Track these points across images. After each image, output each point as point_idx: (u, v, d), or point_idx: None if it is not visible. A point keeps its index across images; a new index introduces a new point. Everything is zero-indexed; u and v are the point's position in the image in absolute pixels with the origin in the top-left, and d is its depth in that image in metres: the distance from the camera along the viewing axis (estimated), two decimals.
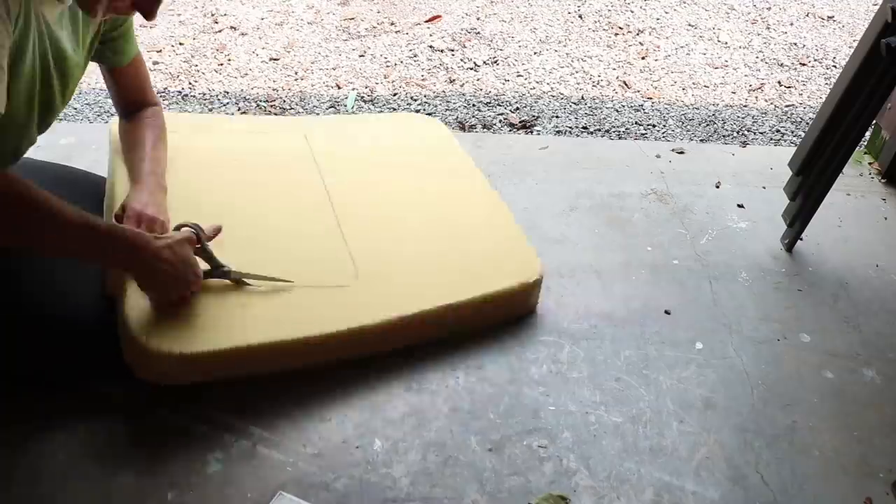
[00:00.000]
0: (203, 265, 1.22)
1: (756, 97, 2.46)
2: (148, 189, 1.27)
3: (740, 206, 1.80)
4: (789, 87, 2.53)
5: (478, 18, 2.86)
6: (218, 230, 1.28)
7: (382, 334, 1.28)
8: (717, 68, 2.61)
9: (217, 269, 1.24)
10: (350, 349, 1.28)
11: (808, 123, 2.31)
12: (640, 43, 2.76)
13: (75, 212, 1.01)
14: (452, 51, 2.64)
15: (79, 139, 1.86)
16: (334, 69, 2.50)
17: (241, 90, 2.36)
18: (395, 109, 2.30)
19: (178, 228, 1.20)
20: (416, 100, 2.35)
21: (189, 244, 1.17)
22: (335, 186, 1.54)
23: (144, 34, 2.65)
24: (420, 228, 1.48)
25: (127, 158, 1.37)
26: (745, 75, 2.58)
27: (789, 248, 1.67)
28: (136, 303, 1.18)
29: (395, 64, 2.54)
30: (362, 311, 1.27)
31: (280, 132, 1.73)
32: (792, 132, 2.30)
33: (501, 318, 1.40)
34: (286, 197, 1.50)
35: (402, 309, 1.29)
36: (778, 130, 2.30)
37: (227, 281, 1.25)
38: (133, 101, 1.40)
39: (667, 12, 2.98)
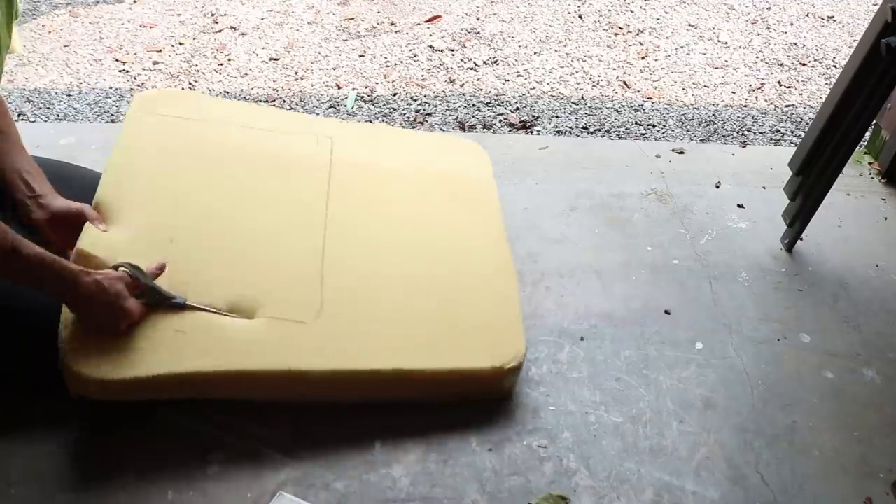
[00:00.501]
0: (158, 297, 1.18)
1: (756, 97, 2.46)
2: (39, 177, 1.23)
3: (740, 206, 1.80)
4: (789, 87, 2.53)
5: (478, 18, 2.86)
6: (162, 268, 1.21)
7: (324, 382, 1.18)
8: (717, 68, 2.61)
9: (167, 301, 1.18)
10: (290, 391, 1.20)
11: (808, 123, 2.31)
12: (640, 43, 2.76)
13: (6, 240, 1.00)
14: (452, 51, 2.64)
15: (79, 139, 1.86)
16: (334, 69, 2.50)
17: (241, 90, 2.36)
18: (394, 109, 2.30)
19: (115, 268, 1.16)
20: (416, 100, 2.35)
21: (122, 282, 1.13)
22: (338, 207, 1.42)
23: (144, 34, 2.66)
24: (409, 275, 1.34)
25: None
26: (745, 75, 2.58)
27: (789, 248, 1.67)
28: (71, 320, 1.13)
29: (395, 64, 2.54)
30: (308, 355, 1.17)
31: (304, 134, 1.58)
32: (792, 132, 2.30)
33: (466, 397, 1.25)
34: (280, 210, 1.39)
35: (349, 363, 1.18)
36: (778, 130, 2.30)
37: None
38: None
39: (667, 12, 2.98)
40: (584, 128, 2.26)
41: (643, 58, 2.66)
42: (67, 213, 1.23)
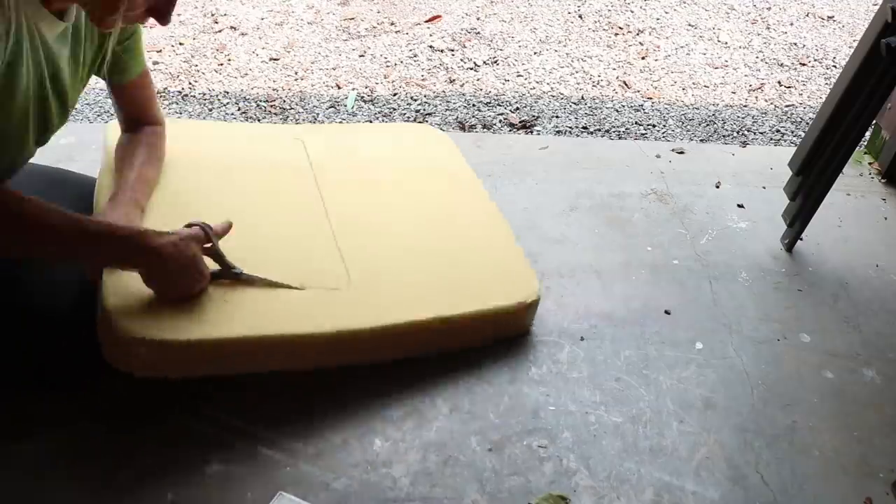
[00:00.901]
0: (212, 265, 1.20)
1: (756, 97, 2.46)
2: (122, 206, 1.21)
3: (740, 206, 1.80)
4: (789, 87, 2.53)
5: (478, 18, 2.86)
6: (228, 227, 1.23)
7: (369, 342, 1.24)
8: (717, 68, 2.61)
9: (227, 270, 1.21)
10: (335, 355, 1.24)
11: (808, 123, 2.31)
12: (640, 43, 2.76)
13: (64, 216, 1.00)
14: (452, 51, 2.64)
15: (79, 139, 1.86)
16: (334, 69, 2.50)
17: (241, 90, 2.36)
18: (395, 109, 2.30)
19: (187, 227, 1.17)
20: (416, 100, 2.35)
21: (196, 242, 1.14)
22: (331, 196, 1.50)
23: (144, 34, 2.66)
24: (416, 240, 1.44)
25: (115, 174, 1.32)
26: (745, 75, 2.58)
27: (789, 248, 1.67)
28: (115, 286, 1.13)
29: (395, 64, 2.54)
30: (351, 315, 1.23)
31: (277, 140, 1.68)
32: (792, 132, 2.30)
33: (493, 336, 1.37)
34: (280, 205, 1.46)
35: (392, 317, 1.25)
36: (778, 130, 2.30)
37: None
38: (135, 118, 1.35)
39: (667, 12, 2.98)
40: (584, 128, 2.26)
41: (643, 58, 2.66)
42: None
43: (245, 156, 1.58)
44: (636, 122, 2.30)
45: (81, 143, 1.84)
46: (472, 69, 2.54)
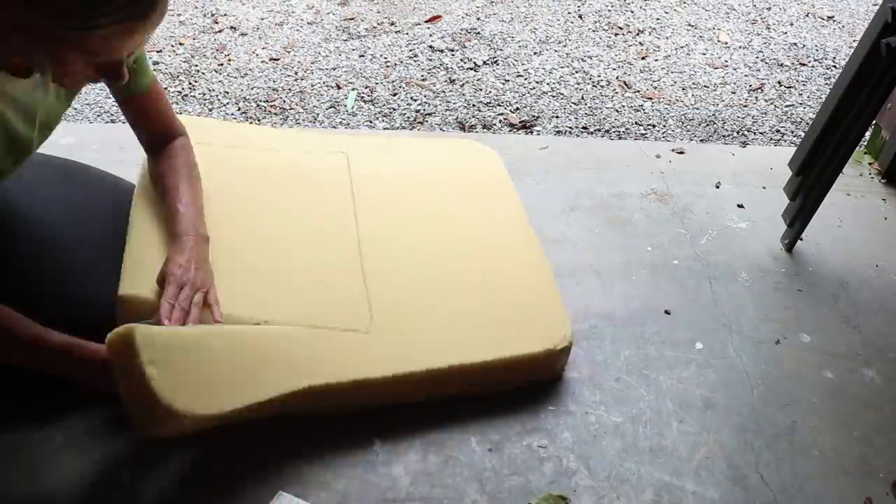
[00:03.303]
0: None
1: (756, 97, 2.46)
2: (188, 245, 1.19)
3: (740, 206, 1.80)
4: (789, 87, 2.53)
5: (478, 18, 2.86)
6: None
7: (391, 387, 1.20)
8: (717, 68, 2.61)
9: None
10: (355, 399, 1.21)
11: (808, 123, 2.31)
12: (640, 43, 2.76)
13: (30, 333, 1.00)
14: (452, 51, 2.64)
15: (79, 139, 1.86)
16: (334, 69, 2.50)
17: (241, 90, 2.36)
18: (394, 109, 2.30)
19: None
20: (416, 100, 2.35)
21: None
22: (367, 219, 1.44)
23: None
24: (449, 277, 1.37)
25: (163, 205, 1.28)
26: (745, 75, 2.58)
27: (789, 248, 1.67)
28: (150, 346, 1.01)
29: (395, 64, 2.54)
30: (369, 362, 1.19)
31: (320, 151, 1.61)
32: (792, 132, 2.30)
33: (522, 381, 1.30)
34: (310, 226, 1.41)
35: (412, 365, 1.20)
36: (778, 130, 2.30)
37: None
38: (156, 134, 1.32)
39: (667, 12, 2.98)
40: (584, 128, 2.26)
41: (643, 58, 2.66)
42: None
43: (284, 168, 1.53)
44: (636, 122, 2.30)
45: (81, 143, 1.84)
46: (472, 69, 2.54)
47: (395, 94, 2.38)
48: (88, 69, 0.92)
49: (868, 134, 2.04)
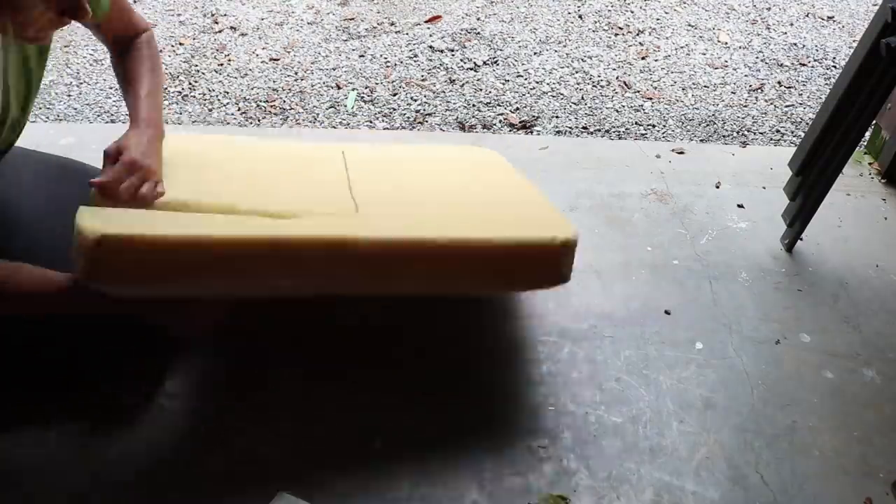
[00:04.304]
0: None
1: (756, 97, 2.46)
2: (148, 134, 1.17)
3: (740, 206, 1.80)
4: (789, 88, 2.52)
5: (478, 18, 2.86)
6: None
7: (371, 260, 1.06)
8: (717, 68, 2.61)
9: None
10: (331, 274, 1.07)
11: (808, 123, 2.31)
12: (640, 43, 2.76)
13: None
14: (452, 51, 2.64)
15: (79, 139, 1.86)
16: (334, 69, 2.50)
17: (241, 90, 2.36)
18: (394, 109, 2.30)
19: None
20: (416, 100, 2.35)
21: None
22: (359, 180, 1.35)
23: None
24: (440, 193, 1.28)
25: (125, 97, 1.24)
26: (745, 75, 2.58)
27: (789, 248, 1.67)
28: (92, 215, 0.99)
29: (395, 64, 2.54)
30: (354, 227, 1.08)
31: (316, 146, 1.55)
32: (792, 132, 2.30)
33: (525, 283, 1.18)
34: (300, 161, 1.37)
35: (406, 231, 1.08)
36: (778, 130, 2.30)
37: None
38: (122, 39, 1.29)
39: (667, 12, 2.98)
40: (584, 128, 2.26)
41: (643, 58, 2.66)
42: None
43: (282, 153, 1.47)
44: (636, 122, 2.30)
45: (81, 143, 1.84)
46: (472, 69, 2.54)
47: (395, 95, 2.38)
48: (49, 12, 0.90)
49: (868, 134, 2.04)
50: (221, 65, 2.50)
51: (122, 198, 1.08)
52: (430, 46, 2.65)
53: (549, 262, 1.17)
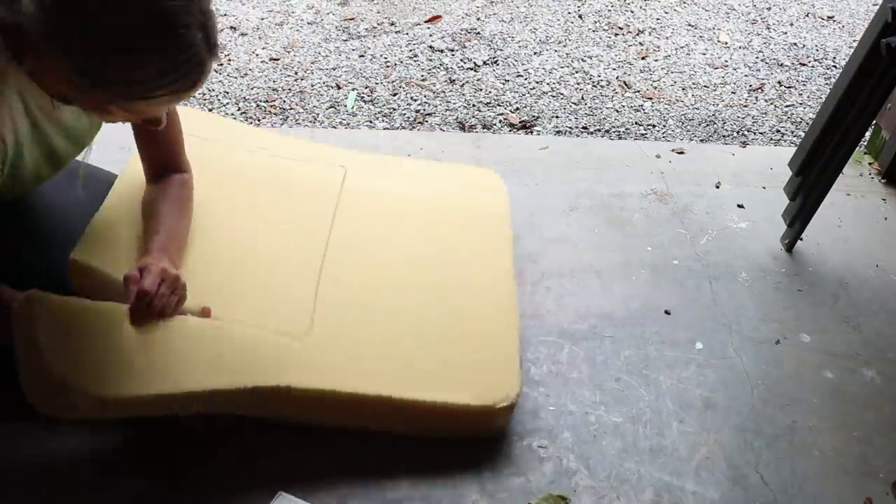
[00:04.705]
0: None
1: (756, 97, 2.46)
2: (165, 260, 1.14)
3: (740, 206, 1.80)
4: (789, 88, 2.52)
5: (478, 18, 2.86)
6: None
7: (308, 404, 1.14)
8: (717, 68, 2.61)
9: None
10: (270, 409, 1.14)
11: (808, 123, 2.31)
12: (640, 43, 2.76)
13: None
14: (452, 51, 2.64)
15: None
16: (334, 69, 2.50)
17: (241, 90, 2.36)
18: (394, 109, 2.30)
19: None
20: (416, 100, 2.35)
21: None
22: (342, 230, 1.38)
23: None
24: (406, 301, 1.29)
25: (144, 226, 1.24)
26: (745, 75, 2.58)
27: (789, 248, 1.67)
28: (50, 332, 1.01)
29: (395, 64, 2.54)
30: (294, 373, 1.12)
31: (319, 161, 1.55)
32: (792, 132, 2.30)
33: (453, 434, 1.20)
34: (282, 228, 1.36)
35: (338, 384, 1.13)
36: (778, 130, 2.30)
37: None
38: (160, 162, 1.28)
39: (667, 12, 2.98)
40: (584, 128, 2.26)
41: (643, 58, 2.66)
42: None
43: (277, 171, 1.48)
44: (636, 122, 2.30)
45: None
46: (472, 69, 2.54)
47: (395, 94, 2.38)
48: (130, 116, 0.98)
49: (868, 134, 2.04)
50: (221, 65, 2.50)
51: (156, 309, 1.09)
52: (430, 46, 2.65)
53: (483, 422, 1.20)
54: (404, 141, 2.01)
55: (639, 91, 2.46)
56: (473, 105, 2.34)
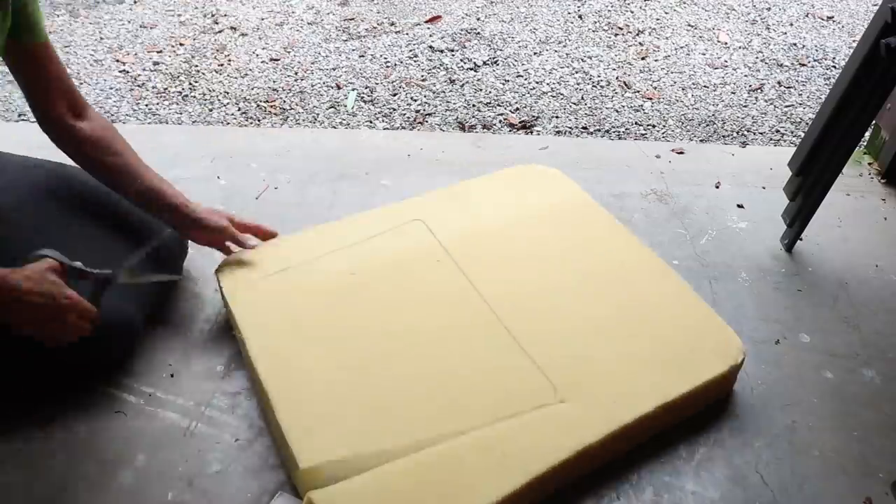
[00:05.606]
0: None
1: (756, 97, 2.46)
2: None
3: (740, 206, 1.80)
4: (789, 88, 2.53)
5: (478, 19, 2.86)
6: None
7: (602, 449, 1.12)
8: (716, 68, 2.61)
9: (98, 280, 1.12)
10: (569, 473, 1.11)
11: (807, 123, 2.31)
12: (640, 43, 2.76)
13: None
14: (452, 51, 2.64)
15: None
16: (334, 69, 2.50)
17: (242, 90, 2.36)
18: (394, 109, 2.30)
19: (32, 260, 1.08)
20: (416, 100, 2.35)
21: (49, 269, 1.07)
22: (486, 288, 1.33)
23: (144, 35, 2.66)
24: (601, 323, 1.28)
25: (142, 183, 1.24)
26: (745, 75, 2.58)
27: (789, 248, 1.67)
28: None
29: (395, 64, 2.55)
30: (580, 430, 1.11)
31: (397, 228, 1.47)
32: (792, 132, 2.30)
33: (703, 404, 1.26)
34: (435, 312, 1.29)
35: (620, 418, 1.13)
36: (778, 130, 2.30)
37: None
38: (70, 96, 1.22)
39: (667, 12, 2.98)
40: (584, 128, 2.26)
41: (643, 58, 2.66)
42: (214, 227, 1.32)
43: (373, 266, 1.38)
44: (636, 122, 2.30)
45: None
46: (472, 69, 2.54)
47: (395, 95, 2.38)
48: None
49: (868, 134, 2.04)
50: (221, 65, 2.50)
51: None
52: (430, 46, 2.65)
53: (729, 384, 1.29)
54: (404, 141, 2.01)
55: (639, 91, 2.46)
56: (473, 105, 2.34)
